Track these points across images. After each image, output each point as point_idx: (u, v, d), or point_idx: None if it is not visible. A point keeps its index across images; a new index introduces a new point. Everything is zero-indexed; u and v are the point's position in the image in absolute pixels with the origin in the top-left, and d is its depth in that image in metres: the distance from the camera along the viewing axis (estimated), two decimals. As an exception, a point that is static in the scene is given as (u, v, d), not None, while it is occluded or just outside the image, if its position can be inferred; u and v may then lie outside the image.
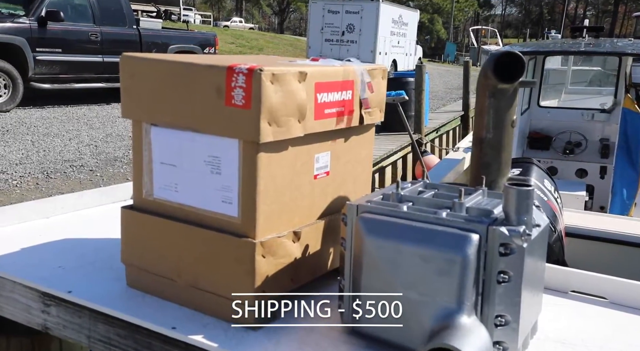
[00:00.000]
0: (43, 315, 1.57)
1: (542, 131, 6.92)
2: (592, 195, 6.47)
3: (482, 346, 1.12)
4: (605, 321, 1.49)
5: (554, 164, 6.78)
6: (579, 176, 6.69)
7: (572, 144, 6.74)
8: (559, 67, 9.49)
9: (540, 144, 6.90)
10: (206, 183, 1.40)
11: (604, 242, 3.31)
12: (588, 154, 6.68)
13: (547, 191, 2.79)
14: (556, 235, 2.66)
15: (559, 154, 6.76)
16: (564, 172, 6.72)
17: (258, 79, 1.25)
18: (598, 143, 6.65)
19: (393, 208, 1.29)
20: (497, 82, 1.54)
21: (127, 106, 1.50)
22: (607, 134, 6.64)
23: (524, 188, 1.18)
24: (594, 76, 9.81)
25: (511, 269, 1.17)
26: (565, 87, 8.69)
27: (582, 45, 6.64)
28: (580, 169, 6.70)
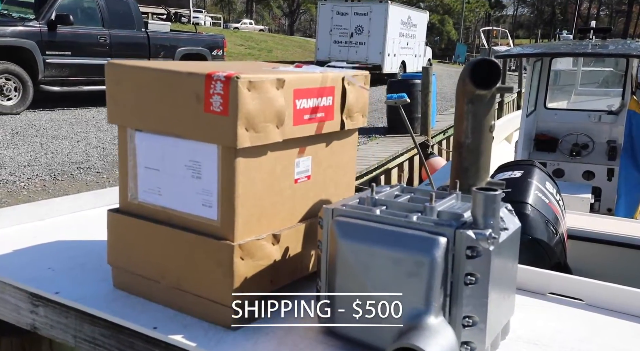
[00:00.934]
0: (32, 315, 1.61)
1: (548, 132, 6.90)
2: (599, 198, 6.45)
3: (447, 346, 1.15)
4: (581, 322, 1.51)
5: (560, 166, 6.76)
6: (586, 179, 6.67)
7: (578, 146, 6.72)
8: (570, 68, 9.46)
9: (547, 146, 6.88)
10: (187, 187, 1.44)
11: (608, 245, 3.32)
12: (595, 156, 6.66)
13: (548, 193, 2.80)
14: (558, 238, 2.67)
15: (566, 156, 6.74)
16: (570, 175, 6.71)
17: (235, 86, 1.29)
18: (605, 145, 6.63)
19: (366, 211, 1.33)
20: (474, 89, 1.57)
21: (112, 111, 1.54)
22: (614, 136, 6.62)
23: (490, 192, 1.21)
24: (605, 77, 9.76)
25: (478, 271, 1.20)
26: (575, 89, 8.66)
27: (589, 47, 6.63)
28: (587, 171, 6.68)
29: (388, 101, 6.01)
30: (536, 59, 6.88)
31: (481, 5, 73.85)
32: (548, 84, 7.03)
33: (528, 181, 2.75)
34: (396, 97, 5.81)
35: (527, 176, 2.81)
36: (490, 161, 1.68)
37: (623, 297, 1.55)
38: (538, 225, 2.55)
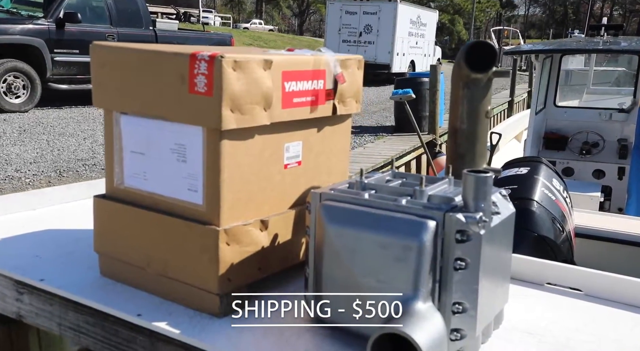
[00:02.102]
0: (17, 303, 1.59)
1: (558, 131, 6.82)
2: (610, 197, 6.36)
3: (435, 332, 1.11)
4: (578, 312, 1.46)
5: (570, 165, 6.68)
6: (596, 177, 6.57)
7: (589, 145, 6.63)
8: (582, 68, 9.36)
9: (556, 144, 6.80)
10: (173, 171, 1.41)
11: (617, 243, 3.26)
12: (605, 154, 6.57)
13: (555, 190, 2.75)
14: (564, 235, 2.62)
15: (576, 154, 6.66)
16: (580, 173, 6.62)
17: (219, 65, 1.26)
18: (616, 144, 6.53)
19: (355, 195, 1.29)
20: (470, 72, 1.53)
21: (98, 95, 1.51)
22: (625, 134, 6.52)
23: (481, 174, 1.16)
24: (618, 77, 9.65)
25: (468, 256, 1.16)
26: (587, 88, 8.57)
27: (600, 44, 6.54)
28: (598, 170, 6.59)
29: (393, 97, 5.98)
30: (546, 56, 6.80)
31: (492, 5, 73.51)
32: (558, 81, 6.95)
33: (534, 178, 2.71)
34: (401, 92, 5.78)
35: (533, 172, 2.76)
36: (487, 147, 1.63)
37: (623, 287, 1.50)
38: (544, 222, 2.50)
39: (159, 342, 1.33)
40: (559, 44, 7.92)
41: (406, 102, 6.14)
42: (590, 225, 3.21)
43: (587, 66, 9.15)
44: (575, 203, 3.03)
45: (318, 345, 1.28)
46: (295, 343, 1.28)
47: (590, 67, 8.86)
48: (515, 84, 18.26)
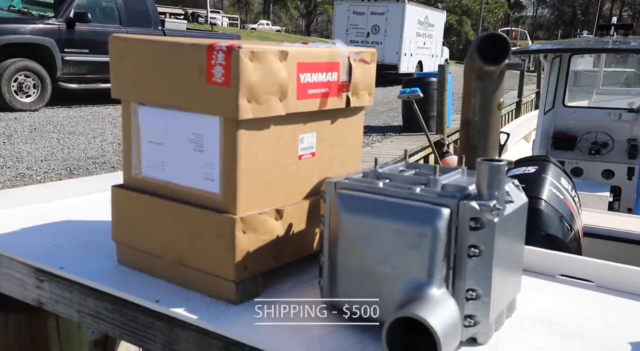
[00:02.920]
0: (37, 290, 1.62)
1: (567, 131, 6.80)
2: (619, 197, 6.34)
3: (448, 317, 1.13)
4: (590, 303, 1.48)
5: (579, 165, 6.66)
6: (605, 177, 6.56)
7: (598, 145, 6.61)
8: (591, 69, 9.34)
9: (565, 144, 6.79)
10: (190, 161, 1.43)
11: (626, 243, 3.26)
12: (615, 154, 6.55)
13: (563, 189, 2.75)
14: (573, 234, 2.63)
15: (585, 154, 6.64)
16: (589, 173, 6.60)
17: (236, 56, 1.28)
18: (626, 144, 6.51)
19: (369, 184, 1.31)
20: (482, 65, 1.54)
21: (116, 86, 1.54)
22: (635, 134, 6.50)
23: (495, 163, 1.18)
24: (627, 78, 9.62)
25: (482, 244, 1.18)
26: (596, 88, 8.54)
27: (610, 43, 6.53)
28: (607, 170, 6.57)
29: (401, 96, 6.01)
30: (555, 56, 6.79)
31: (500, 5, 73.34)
32: (567, 81, 6.94)
33: (542, 177, 2.71)
34: (409, 91, 5.81)
35: (541, 171, 2.76)
36: (499, 139, 1.65)
37: (635, 278, 1.51)
38: (552, 221, 2.50)
39: (177, 327, 1.36)
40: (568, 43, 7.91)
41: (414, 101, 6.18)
42: (599, 225, 3.21)
43: (596, 67, 9.12)
44: (584, 203, 3.03)
45: (333, 330, 1.30)
46: (311, 328, 1.31)
47: (600, 68, 8.83)
48: (523, 85, 18.23)
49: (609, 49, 6.80)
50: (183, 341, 1.36)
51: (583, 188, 5.04)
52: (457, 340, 1.16)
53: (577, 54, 7.56)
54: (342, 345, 1.23)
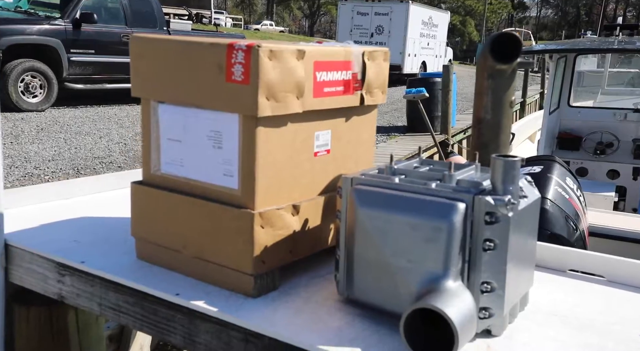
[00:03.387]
0: (58, 285, 1.65)
1: (572, 131, 6.81)
2: (624, 197, 6.36)
3: (465, 308, 1.16)
4: (601, 297, 1.51)
5: (584, 165, 6.67)
6: (611, 178, 6.57)
7: (603, 145, 6.62)
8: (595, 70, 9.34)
9: (570, 144, 6.80)
10: (209, 157, 1.47)
11: (631, 242, 3.27)
12: (620, 154, 6.56)
13: (569, 189, 2.77)
14: (578, 234, 2.65)
15: (590, 154, 6.65)
16: (594, 174, 6.61)
17: (256, 55, 1.32)
18: (631, 144, 6.52)
19: (385, 180, 1.34)
20: (495, 63, 1.57)
21: (136, 84, 1.57)
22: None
23: (510, 158, 1.21)
24: (631, 79, 9.62)
25: (497, 238, 1.21)
26: (601, 89, 8.55)
27: (615, 43, 6.53)
28: (612, 170, 6.58)
29: (407, 96, 6.03)
30: (560, 56, 6.80)
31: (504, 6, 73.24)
32: (572, 81, 6.95)
33: (548, 176, 2.72)
34: (415, 91, 5.83)
35: (547, 171, 2.78)
36: (510, 137, 1.67)
37: (645, 273, 1.54)
38: (557, 220, 2.52)
39: (197, 320, 1.39)
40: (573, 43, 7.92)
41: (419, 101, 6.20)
42: (604, 224, 3.23)
43: (600, 67, 9.12)
44: (589, 203, 3.05)
45: (349, 322, 1.33)
46: (328, 320, 1.34)
47: (605, 68, 8.84)
48: (527, 85, 18.24)
49: (615, 49, 6.81)
50: (203, 333, 1.39)
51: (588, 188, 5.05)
52: (473, 331, 1.19)
53: (583, 54, 7.57)
54: (359, 336, 1.27)
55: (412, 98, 5.76)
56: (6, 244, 1.74)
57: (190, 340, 1.42)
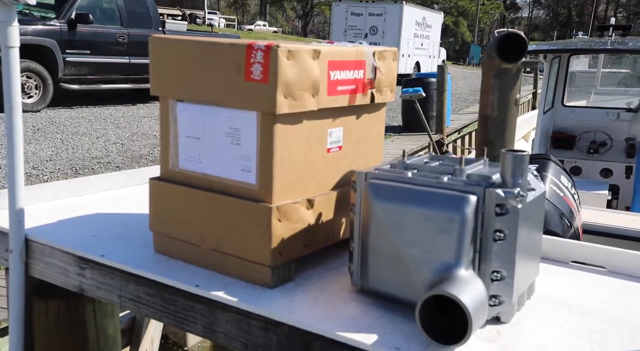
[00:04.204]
0: (79, 278, 1.70)
1: (566, 130, 6.90)
2: (617, 195, 6.44)
3: (477, 295, 1.22)
4: (603, 287, 1.57)
5: (577, 164, 6.76)
6: (604, 176, 6.65)
7: (596, 144, 6.71)
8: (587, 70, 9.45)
9: (564, 143, 6.88)
10: (227, 154, 1.52)
11: (624, 239, 3.34)
12: (613, 153, 6.65)
13: (563, 187, 2.82)
14: (572, 231, 2.71)
15: (583, 153, 6.74)
16: (588, 172, 6.70)
17: (275, 55, 1.37)
18: (624, 143, 6.61)
19: (399, 174, 1.40)
20: (500, 62, 1.64)
21: (155, 83, 1.63)
22: (633, 133, 6.60)
23: (519, 153, 1.27)
24: (622, 79, 9.73)
25: (506, 228, 1.27)
26: (594, 88, 8.65)
27: (608, 44, 6.63)
28: (605, 169, 6.67)
29: (403, 95, 6.09)
30: (554, 56, 6.89)
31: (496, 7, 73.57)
32: (566, 81, 7.04)
33: (542, 175, 2.77)
34: (412, 91, 5.90)
35: (541, 169, 2.83)
36: (514, 133, 1.74)
37: (645, 263, 1.61)
38: (552, 218, 2.58)
39: (217, 310, 1.45)
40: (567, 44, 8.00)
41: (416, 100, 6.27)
42: (598, 222, 3.29)
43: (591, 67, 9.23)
44: (582, 201, 3.10)
45: (365, 311, 1.39)
46: (343, 309, 1.39)
47: (597, 68, 8.94)
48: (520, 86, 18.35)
49: (608, 49, 6.90)
50: (223, 323, 1.45)
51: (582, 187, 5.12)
52: (485, 317, 1.25)
53: (577, 55, 7.66)
54: (375, 324, 1.32)
55: (409, 98, 5.83)
56: (26, 239, 1.78)
57: (210, 329, 1.47)
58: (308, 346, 1.32)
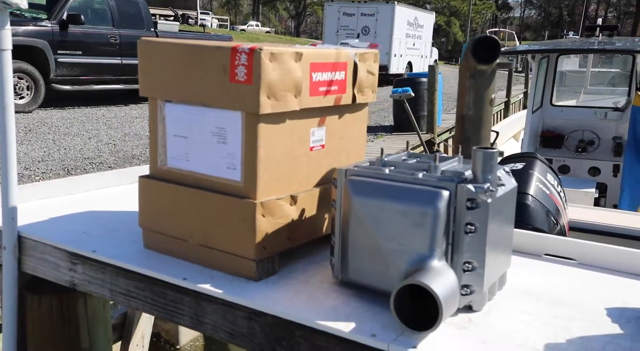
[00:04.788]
0: (70, 273, 1.76)
1: (555, 129, 6.99)
2: (605, 194, 6.54)
3: (448, 284, 1.29)
4: (573, 278, 1.65)
5: (566, 163, 6.85)
6: (592, 175, 6.75)
7: (584, 143, 6.80)
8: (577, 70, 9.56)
9: (553, 142, 6.97)
10: (213, 152, 1.59)
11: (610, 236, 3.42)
12: (601, 152, 6.74)
13: (549, 184, 2.89)
14: (559, 228, 2.78)
15: (572, 152, 6.83)
16: (576, 171, 6.79)
17: (258, 57, 1.44)
18: (611, 141, 6.71)
19: (377, 171, 1.47)
20: (476, 64, 1.71)
21: (144, 85, 1.69)
22: (620, 132, 6.69)
23: (489, 150, 1.34)
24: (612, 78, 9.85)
25: (477, 221, 1.34)
26: (584, 88, 8.75)
27: (596, 44, 6.72)
28: (593, 167, 6.76)
29: (393, 95, 6.16)
30: (542, 56, 6.98)
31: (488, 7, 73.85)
32: (554, 81, 7.13)
33: (529, 173, 2.84)
34: (401, 91, 5.97)
35: (528, 167, 2.90)
36: (491, 132, 1.81)
37: (613, 255, 1.69)
38: (538, 215, 2.64)
39: (204, 302, 1.51)
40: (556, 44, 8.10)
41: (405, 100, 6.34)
42: (584, 219, 3.36)
43: (582, 67, 9.33)
44: (570, 199, 3.17)
45: (345, 301, 1.45)
46: (325, 300, 1.46)
47: (587, 68, 9.05)
48: (511, 85, 18.50)
49: (595, 49, 7.00)
50: (210, 314, 1.51)
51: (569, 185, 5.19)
52: (456, 305, 1.32)
53: (564, 55, 7.76)
54: (354, 313, 1.39)
55: (398, 97, 5.89)
56: (19, 235, 1.84)
57: (197, 320, 1.54)
58: (290, 335, 1.38)
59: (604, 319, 1.38)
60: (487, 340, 1.28)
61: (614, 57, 9.50)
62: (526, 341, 1.26)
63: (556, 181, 2.97)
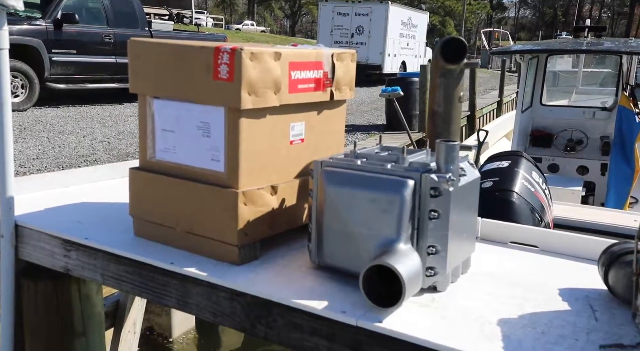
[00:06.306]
0: (64, 259, 1.87)
1: (544, 129, 7.11)
2: (593, 192, 6.67)
3: (412, 265, 1.41)
4: (534, 262, 1.77)
5: (555, 162, 6.97)
6: (580, 173, 6.87)
7: (573, 142, 6.92)
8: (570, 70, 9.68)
9: (542, 141, 7.08)
10: (199, 145, 1.70)
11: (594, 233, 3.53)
12: (589, 151, 6.87)
13: (534, 182, 2.98)
14: (543, 225, 2.88)
15: (561, 151, 6.95)
16: (565, 170, 6.91)
17: (239, 56, 1.55)
18: (599, 141, 6.83)
19: (349, 162, 1.59)
20: (445, 64, 1.83)
21: (134, 82, 1.80)
22: (608, 131, 6.81)
23: (450, 143, 1.46)
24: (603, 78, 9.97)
25: (440, 208, 1.46)
26: (576, 88, 8.88)
27: (584, 45, 6.85)
28: (582, 166, 6.89)
29: (382, 94, 6.26)
30: (532, 56, 7.10)
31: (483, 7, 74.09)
32: (544, 81, 7.25)
33: (515, 170, 2.93)
34: (390, 90, 6.06)
35: (514, 165, 2.98)
36: (460, 127, 1.93)
37: (570, 242, 1.81)
38: (523, 212, 2.73)
39: (190, 284, 1.63)
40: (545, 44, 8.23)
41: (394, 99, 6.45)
42: (568, 216, 3.47)
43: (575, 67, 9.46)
44: (557, 197, 3.25)
45: (321, 283, 1.57)
46: (301, 282, 1.58)
47: (579, 69, 9.18)
48: (504, 85, 18.66)
49: (582, 50, 7.12)
50: (195, 295, 1.62)
51: (558, 183, 5.31)
52: (419, 285, 1.44)
53: (554, 55, 7.89)
54: (327, 293, 1.51)
55: (387, 96, 5.98)
56: (16, 224, 1.95)
57: (184, 301, 1.65)
58: (268, 313, 1.50)
59: (555, 298, 1.50)
60: (447, 316, 1.40)
61: (606, 58, 9.64)
62: (482, 316, 1.38)
63: (541, 179, 3.06)
